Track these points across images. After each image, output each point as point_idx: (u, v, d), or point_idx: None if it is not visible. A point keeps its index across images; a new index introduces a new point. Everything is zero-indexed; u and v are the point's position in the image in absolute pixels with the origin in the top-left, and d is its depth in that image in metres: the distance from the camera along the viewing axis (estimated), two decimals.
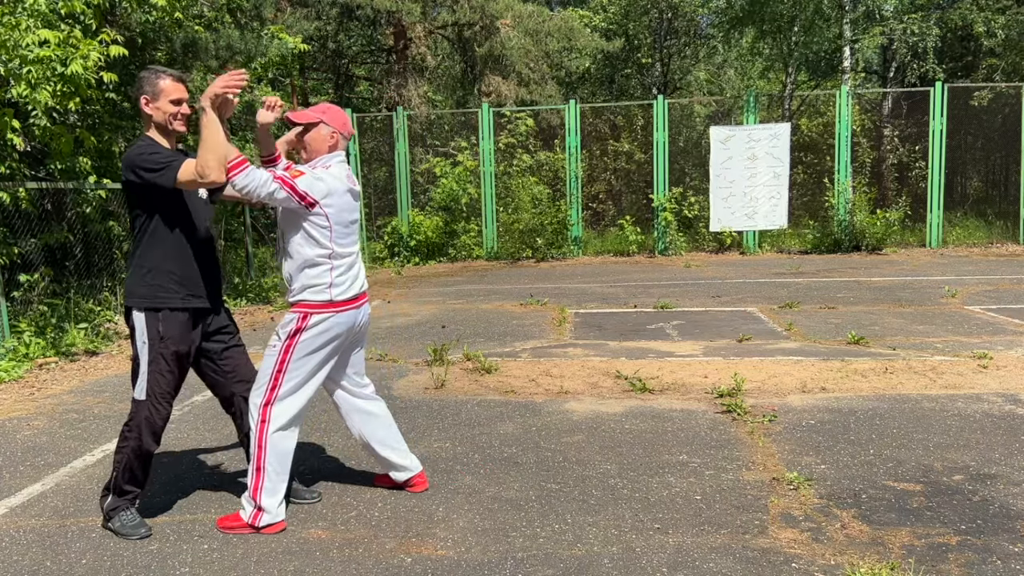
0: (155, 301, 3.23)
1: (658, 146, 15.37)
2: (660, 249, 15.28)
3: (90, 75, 6.85)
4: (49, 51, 6.62)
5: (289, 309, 3.31)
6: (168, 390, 3.29)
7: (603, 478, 3.79)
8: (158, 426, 3.29)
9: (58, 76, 6.64)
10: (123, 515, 3.31)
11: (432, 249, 15.45)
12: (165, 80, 3.24)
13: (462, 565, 2.96)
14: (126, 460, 3.28)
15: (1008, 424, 4.45)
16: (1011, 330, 7.11)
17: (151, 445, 3.29)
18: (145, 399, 3.26)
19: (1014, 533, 3.11)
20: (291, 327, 3.25)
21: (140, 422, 3.26)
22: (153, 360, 3.24)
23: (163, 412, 3.29)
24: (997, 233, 15.73)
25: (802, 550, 3.01)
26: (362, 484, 3.80)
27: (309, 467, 4.07)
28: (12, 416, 5.20)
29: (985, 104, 16.92)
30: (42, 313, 7.29)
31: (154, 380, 3.25)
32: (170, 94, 3.23)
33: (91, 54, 6.81)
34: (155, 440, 3.30)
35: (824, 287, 10.26)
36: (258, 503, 3.26)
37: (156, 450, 3.33)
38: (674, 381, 5.59)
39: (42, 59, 6.54)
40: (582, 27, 19.16)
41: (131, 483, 3.33)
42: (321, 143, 3.35)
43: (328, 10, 17.28)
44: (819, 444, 4.21)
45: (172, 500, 3.67)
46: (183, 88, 3.28)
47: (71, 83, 6.72)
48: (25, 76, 6.49)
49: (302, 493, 3.62)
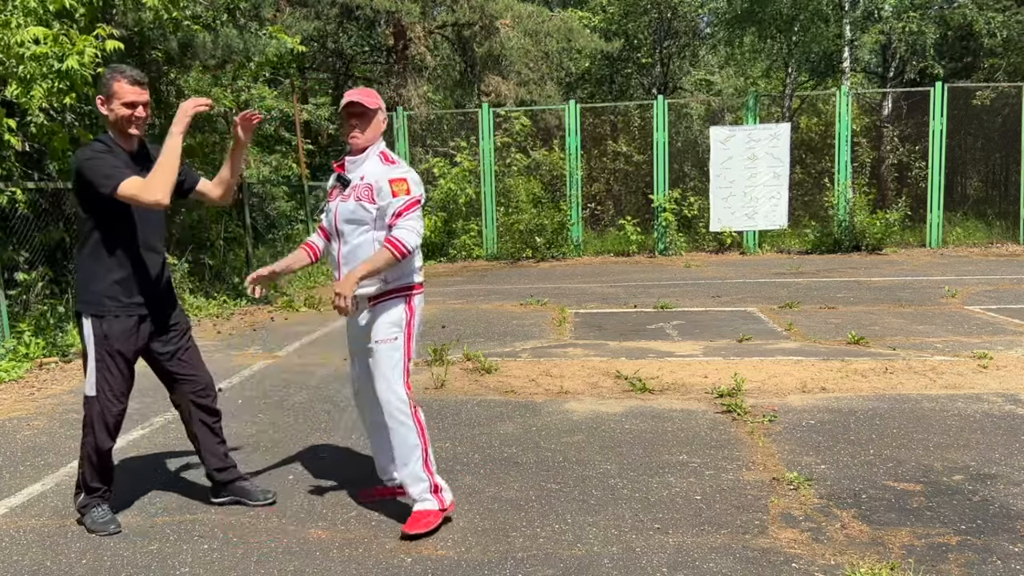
0: (99, 308, 3.29)
1: (658, 146, 15.37)
2: (660, 249, 15.29)
3: (86, 71, 6.84)
4: (46, 48, 6.61)
5: (371, 304, 3.27)
6: (118, 387, 3.34)
7: (603, 478, 3.79)
8: (110, 422, 3.33)
9: (55, 73, 6.64)
10: (93, 512, 3.37)
11: (431, 249, 15.45)
12: (120, 82, 3.21)
13: (462, 565, 2.96)
14: (86, 456, 3.37)
15: (1008, 424, 4.45)
16: (1011, 330, 7.11)
17: (105, 440, 3.34)
18: (95, 395, 3.32)
19: (1014, 533, 3.11)
20: (402, 315, 3.28)
21: (93, 418, 3.33)
22: (100, 359, 3.31)
23: (114, 408, 3.34)
24: (997, 233, 15.73)
25: (802, 550, 3.01)
26: (362, 484, 3.79)
27: (309, 467, 4.07)
28: (12, 416, 5.20)
29: (987, 104, 16.91)
30: (42, 313, 7.28)
31: (102, 377, 3.31)
32: (123, 96, 3.20)
33: (87, 49, 6.80)
34: (109, 436, 3.35)
35: (824, 287, 10.26)
36: (436, 482, 3.29)
37: (112, 446, 3.38)
38: (674, 381, 5.59)
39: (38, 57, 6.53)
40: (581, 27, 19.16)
41: (96, 479, 3.39)
42: (379, 129, 3.34)
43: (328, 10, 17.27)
44: (819, 444, 4.21)
45: (172, 500, 3.67)
46: (139, 91, 3.23)
47: (67, 79, 6.71)
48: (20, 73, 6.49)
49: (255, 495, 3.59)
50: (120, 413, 3.37)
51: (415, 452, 3.25)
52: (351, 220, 3.25)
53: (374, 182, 3.23)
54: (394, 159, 3.34)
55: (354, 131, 3.27)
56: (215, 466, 3.57)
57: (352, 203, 3.25)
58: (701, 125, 18.64)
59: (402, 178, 3.22)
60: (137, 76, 3.26)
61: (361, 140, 3.28)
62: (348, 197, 3.27)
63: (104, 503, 3.41)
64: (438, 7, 18.00)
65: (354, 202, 3.24)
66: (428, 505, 3.27)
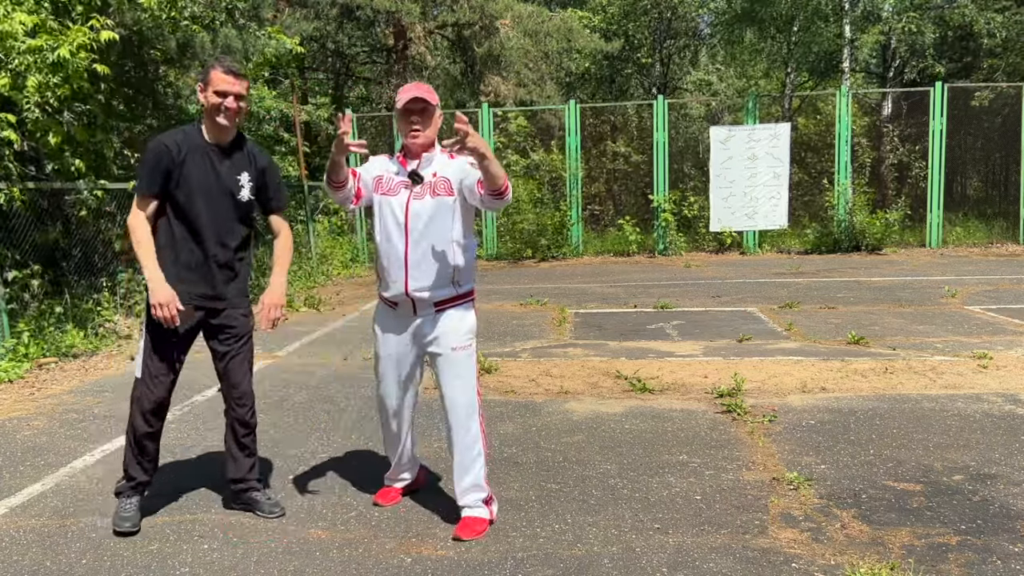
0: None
1: (658, 146, 15.37)
2: (660, 249, 15.29)
3: (79, 61, 6.81)
4: (40, 41, 6.61)
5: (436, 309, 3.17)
6: (160, 374, 3.33)
7: (603, 478, 3.79)
8: (146, 407, 3.33)
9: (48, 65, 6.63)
10: (122, 502, 3.39)
11: None
12: (216, 70, 3.25)
13: (462, 565, 2.96)
14: (127, 438, 3.41)
15: (1008, 424, 4.45)
16: (1011, 330, 7.11)
17: (141, 425, 3.34)
18: (141, 377, 3.34)
19: (1014, 533, 3.11)
20: (475, 321, 3.24)
21: (134, 400, 3.36)
22: (147, 342, 3.33)
23: (153, 395, 3.33)
24: (997, 233, 15.73)
25: (802, 550, 3.01)
26: (362, 484, 3.79)
27: (309, 467, 4.07)
28: (12, 416, 5.19)
29: (986, 104, 16.92)
30: (41, 312, 7.28)
31: (148, 360, 3.33)
32: (216, 84, 3.23)
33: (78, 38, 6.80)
34: (145, 422, 3.34)
35: (824, 287, 10.26)
36: (491, 493, 3.28)
37: (148, 431, 3.35)
38: (674, 381, 5.59)
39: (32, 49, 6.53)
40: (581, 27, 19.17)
41: (131, 466, 3.40)
42: (438, 125, 3.19)
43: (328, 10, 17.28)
44: (819, 444, 4.21)
45: (172, 500, 3.67)
46: (232, 80, 3.24)
47: (60, 70, 6.69)
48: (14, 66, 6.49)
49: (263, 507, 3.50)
50: (158, 400, 3.34)
51: (479, 460, 3.21)
52: (430, 218, 3.10)
53: (452, 175, 3.11)
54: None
55: (415, 128, 3.10)
56: (231, 475, 3.52)
57: (430, 200, 3.10)
58: (701, 125, 18.65)
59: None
60: (232, 67, 3.28)
61: (424, 138, 3.13)
62: (423, 195, 3.11)
63: (134, 496, 3.40)
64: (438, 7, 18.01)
65: (432, 198, 3.10)
66: (481, 513, 3.24)
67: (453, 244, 3.13)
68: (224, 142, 3.33)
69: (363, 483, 3.81)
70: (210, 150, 3.30)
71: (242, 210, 3.38)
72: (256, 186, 3.41)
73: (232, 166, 3.34)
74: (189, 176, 3.24)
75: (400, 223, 3.12)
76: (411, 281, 3.13)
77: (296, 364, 6.54)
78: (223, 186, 3.31)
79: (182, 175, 3.24)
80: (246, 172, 3.37)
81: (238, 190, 3.35)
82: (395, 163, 3.22)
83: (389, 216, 3.15)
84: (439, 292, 3.14)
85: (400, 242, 3.12)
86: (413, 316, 3.20)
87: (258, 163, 3.42)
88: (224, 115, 3.25)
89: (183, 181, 3.24)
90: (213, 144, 3.31)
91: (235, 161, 3.35)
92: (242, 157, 3.37)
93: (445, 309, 3.18)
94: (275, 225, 3.56)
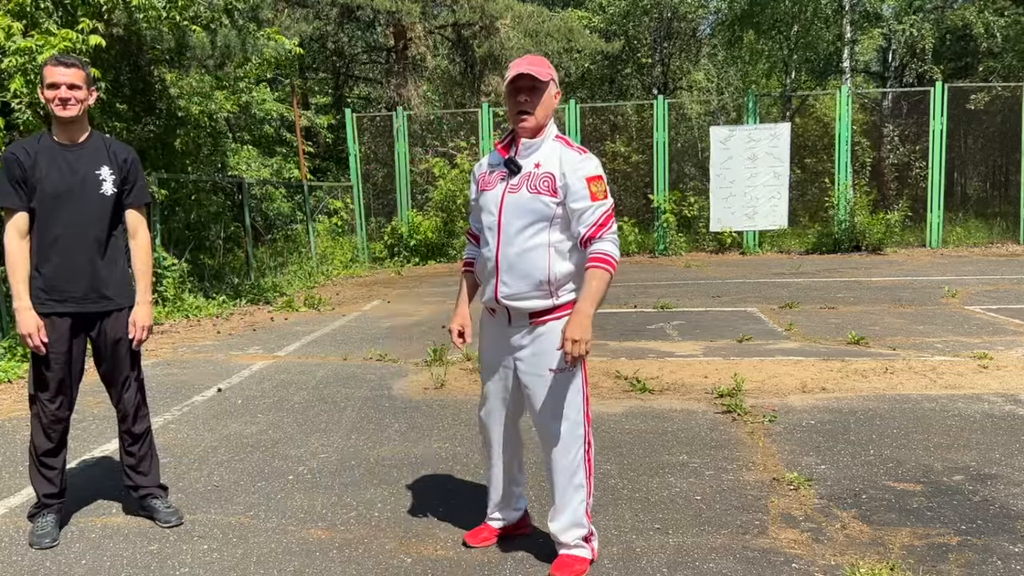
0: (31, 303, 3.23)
1: (658, 146, 15.37)
2: (660, 249, 15.29)
3: None
4: (31, 42, 6.63)
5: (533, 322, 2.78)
6: (51, 389, 3.24)
7: (603, 478, 3.79)
8: (44, 423, 3.26)
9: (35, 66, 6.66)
10: (36, 520, 3.32)
11: (431, 249, 15.46)
12: (47, 65, 3.16)
13: (462, 565, 2.96)
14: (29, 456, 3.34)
15: (1008, 424, 4.45)
16: (1011, 330, 7.11)
17: (42, 441, 3.27)
18: (33, 393, 3.27)
19: (1014, 533, 3.11)
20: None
21: (31, 418, 3.29)
22: (33, 357, 3.24)
23: (48, 409, 3.25)
24: (997, 233, 15.74)
25: (802, 550, 3.01)
26: (362, 484, 3.79)
27: (309, 468, 4.07)
28: (12, 416, 5.20)
29: (982, 107, 16.93)
30: None
31: (37, 377, 3.25)
32: (47, 78, 3.14)
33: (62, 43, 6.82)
34: (46, 437, 3.26)
35: (824, 287, 10.26)
36: (592, 529, 2.89)
37: (48, 448, 3.28)
38: (674, 381, 5.59)
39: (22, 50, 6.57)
40: (581, 27, 19.17)
41: (36, 484, 3.33)
42: (552, 105, 2.75)
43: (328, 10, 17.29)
44: (819, 444, 4.21)
45: (172, 500, 3.66)
46: (62, 71, 3.11)
47: None
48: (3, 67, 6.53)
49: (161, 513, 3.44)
50: (54, 416, 3.26)
51: (579, 493, 2.81)
52: (524, 216, 2.72)
53: (557, 172, 2.69)
54: (578, 145, 2.79)
55: (523, 108, 2.69)
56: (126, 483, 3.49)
57: (526, 194, 2.71)
58: (701, 125, 18.65)
59: (599, 176, 2.71)
60: (63, 58, 3.19)
61: (532, 121, 2.70)
62: (519, 188, 2.73)
63: (49, 514, 3.31)
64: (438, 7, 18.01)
65: (529, 193, 2.71)
66: (581, 552, 2.86)
67: (550, 248, 2.72)
68: (76, 139, 3.24)
69: (363, 483, 3.81)
70: (62, 150, 3.19)
71: (107, 205, 3.25)
72: (120, 179, 3.28)
73: (88, 162, 3.22)
74: (44, 179, 3.14)
75: (493, 220, 2.78)
76: (501, 287, 2.77)
77: (296, 364, 6.54)
78: (82, 183, 3.20)
79: (37, 179, 3.14)
80: (106, 166, 3.25)
81: (99, 185, 3.23)
82: (495, 152, 2.87)
83: (485, 212, 2.83)
84: (532, 302, 2.74)
85: (493, 241, 2.78)
86: (508, 326, 2.83)
87: (119, 156, 3.30)
88: (62, 106, 3.14)
89: (39, 185, 3.14)
90: (65, 143, 3.21)
91: (91, 156, 3.23)
92: (99, 151, 3.25)
93: (547, 321, 2.77)
94: (130, 223, 3.36)
